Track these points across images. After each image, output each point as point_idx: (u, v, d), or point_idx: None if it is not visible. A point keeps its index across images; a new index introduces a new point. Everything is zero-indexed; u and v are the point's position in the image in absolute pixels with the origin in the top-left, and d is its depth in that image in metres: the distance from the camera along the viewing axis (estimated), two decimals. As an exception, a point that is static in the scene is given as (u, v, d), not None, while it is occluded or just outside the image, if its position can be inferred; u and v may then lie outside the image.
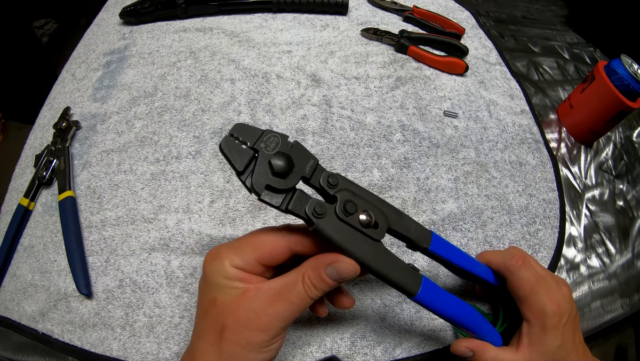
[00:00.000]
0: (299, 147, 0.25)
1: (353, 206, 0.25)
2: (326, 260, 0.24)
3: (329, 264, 0.24)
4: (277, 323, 0.24)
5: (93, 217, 0.41)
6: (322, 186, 0.25)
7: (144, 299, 0.36)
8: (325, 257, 0.24)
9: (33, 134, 0.48)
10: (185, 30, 0.57)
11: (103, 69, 0.53)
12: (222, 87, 0.50)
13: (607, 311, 0.41)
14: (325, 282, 0.24)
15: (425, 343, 0.35)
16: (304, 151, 0.25)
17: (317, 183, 0.25)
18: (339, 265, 0.24)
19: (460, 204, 0.43)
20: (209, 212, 0.41)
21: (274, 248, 0.25)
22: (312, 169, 0.25)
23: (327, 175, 0.25)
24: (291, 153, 0.24)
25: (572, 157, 0.51)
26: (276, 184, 0.23)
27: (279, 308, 0.24)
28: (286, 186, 0.23)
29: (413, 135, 0.47)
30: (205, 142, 0.45)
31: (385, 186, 0.43)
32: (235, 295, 0.24)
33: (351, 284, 0.37)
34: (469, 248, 0.40)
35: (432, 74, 0.53)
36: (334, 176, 0.25)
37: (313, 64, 0.53)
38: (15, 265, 0.39)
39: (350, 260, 0.24)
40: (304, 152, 0.25)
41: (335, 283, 0.24)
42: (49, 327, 0.35)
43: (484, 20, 0.67)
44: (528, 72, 0.60)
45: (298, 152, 0.25)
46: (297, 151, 0.25)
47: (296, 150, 0.25)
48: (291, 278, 0.24)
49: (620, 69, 0.45)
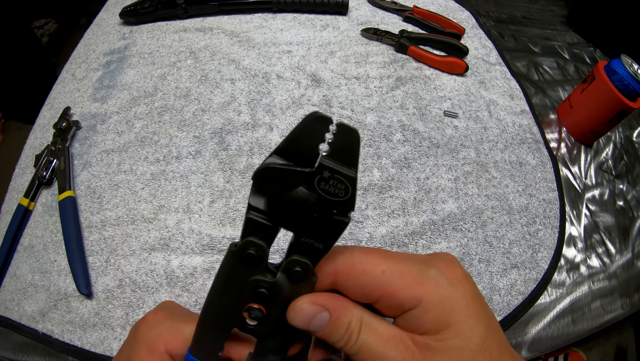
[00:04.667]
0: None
1: (266, 299, 0.21)
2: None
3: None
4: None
5: (93, 217, 0.41)
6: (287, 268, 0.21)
7: (144, 299, 0.36)
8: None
9: (33, 134, 0.48)
10: (185, 30, 0.57)
11: (103, 69, 0.53)
12: (222, 87, 0.50)
13: (607, 311, 0.41)
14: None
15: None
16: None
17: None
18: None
19: (461, 204, 0.43)
20: (209, 212, 0.41)
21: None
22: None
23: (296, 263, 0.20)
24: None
25: (572, 157, 0.51)
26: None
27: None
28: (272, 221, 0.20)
29: (413, 135, 0.47)
30: (205, 142, 0.45)
31: (385, 186, 0.43)
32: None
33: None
34: (469, 248, 0.40)
35: (432, 74, 0.53)
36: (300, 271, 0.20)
37: (313, 64, 0.53)
38: (15, 265, 0.39)
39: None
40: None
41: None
42: (49, 327, 0.35)
43: (484, 20, 0.67)
44: (528, 72, 0.60)
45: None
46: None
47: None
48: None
49: (620, 69, 0.45)
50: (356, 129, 0.19)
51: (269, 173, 0.19)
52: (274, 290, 0.21)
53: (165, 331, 0.24)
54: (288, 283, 0.21)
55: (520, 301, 0.38)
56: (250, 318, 0.21)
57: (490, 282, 0.39)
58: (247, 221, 0.20)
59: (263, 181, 0.19)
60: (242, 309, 0.21)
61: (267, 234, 0.20)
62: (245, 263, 0.20)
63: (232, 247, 0.20)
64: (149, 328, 0.24)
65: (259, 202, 0.19)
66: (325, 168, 0.18)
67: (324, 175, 0.18)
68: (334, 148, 0.18)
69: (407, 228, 0.41)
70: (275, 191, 0.19)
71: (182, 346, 0.23)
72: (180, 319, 0.24)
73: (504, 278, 0.39)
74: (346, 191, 0.19)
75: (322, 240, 0.20)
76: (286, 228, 0.20)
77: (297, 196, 0.19)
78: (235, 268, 0.21)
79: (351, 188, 0.19)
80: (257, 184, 0.19)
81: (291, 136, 0.19)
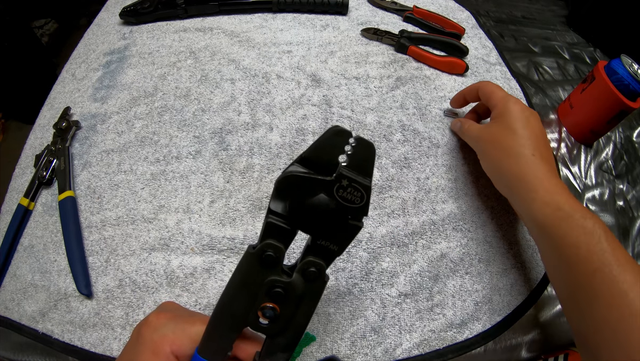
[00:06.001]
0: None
1: (281, 298, 0.22)
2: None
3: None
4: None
5: (93, 217, 0.41)
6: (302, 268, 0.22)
7: (144, 299, 0.36)
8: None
9: (33, 134, 0.48)
10: (185, 30, 0.57)
11: (103, 69, 0.53)
12: (222, 87, 0.50)
13: (607, 311, 0.41)
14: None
15: (425, 344, 0.35)
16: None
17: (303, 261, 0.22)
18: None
19: (461, 204, 0.43)
20: (209, 212, 0.41)
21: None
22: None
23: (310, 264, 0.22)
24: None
25: (572, 157, 0.51)
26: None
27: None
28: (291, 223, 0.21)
29: (413, 135, 0.47)
30: (205, 142, 0.45)
31: (385, 186, 0.43)
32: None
33: (351, 283, 0.37)
34: (469, 248, 0.40)
35: (432, 74, 0.53)
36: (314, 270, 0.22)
37: (313, 64, 0.53)
38: (15, 265, 0.39)
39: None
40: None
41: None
42: (49, 327, 0.35)
43: (484, 20, 0.67)
44: (528, 72, 0.60)
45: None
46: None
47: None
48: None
49: (620, 69, 0.45)
50: (372, 143, 0.21)
51: (291, 180, 0.20)
52: (289, 290, 0.22)
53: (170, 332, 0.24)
54: (302, 283, 0.22)
55: (520, 301, 0.38)
56: (264, 316, 0.22)
57: (490, 282, 0.39)
58: (267, 224, 0.21)
59: (285, 187, 0.21)
60: (257, 308, 0.22)
61: (285, 237, 0.21)
62: (264, 264, 0.21)
63: (251, 249, 0.22)
64: (152, 330, 0.24)
65: (278, 206, 0.21)
66: (344, 177, 0.20)
67: (343, 184, 0.20)
68: (352, 159, 0.20)
69: (407, 228, 0.41)
70: (296, 197, 0.21)
71: (188, 346, 0.23)
72: (184, 320, 0.24)
73: (504, 278, 0.39)
74: (361, 198, 0.21)
75: (337, 243, 0.22)
76: (305, 231, 0.21)
77: (317, 202, 0.20)
78: (254, 268, 0.22)
79: (366, 195, 0.21)
80: (279, 190, 0.21)
81: (313, 146, 0.20)
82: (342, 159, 0.20)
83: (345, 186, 0.20)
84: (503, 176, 0.36)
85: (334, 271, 0.38)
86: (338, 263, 0.38)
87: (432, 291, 0.38)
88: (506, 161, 0.35)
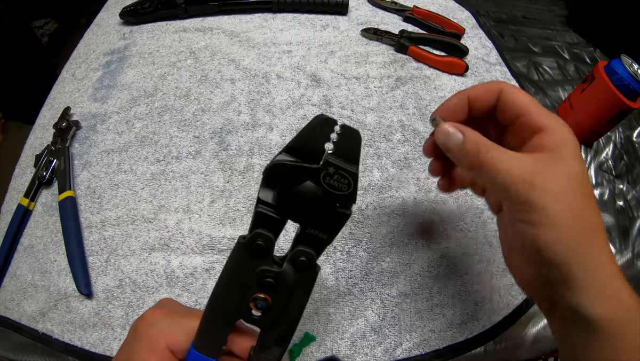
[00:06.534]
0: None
1: (272, 288, 0.22)
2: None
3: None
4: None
5: (93, 217, 0.41)
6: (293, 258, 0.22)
7: (144, 299, 0.36)
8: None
9: (33, 134, 0.48)
10: (185, 30, 0.57)
11: (103, 69, 0.53)
12: (222, 87, 0.50)
13: (607, 311, 0.41)
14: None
15: (425, 344, 0.35)
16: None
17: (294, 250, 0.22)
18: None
19: (461, 204, 0.43)
20: (209, 212, 0.41)
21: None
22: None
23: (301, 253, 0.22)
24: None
25: (572, 157, 0.51)
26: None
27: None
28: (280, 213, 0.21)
29: (413, 135, 0.47)
30: (205, 142, 0.45)
31: (385, 186, 0.43)
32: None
33: (351, 283, 0.37)
34: (469, 248, 0.40)
35: (432, 74, 0.53)
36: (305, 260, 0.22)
37: (313, 64, 0.53)
38: (15, 265, 0.39)
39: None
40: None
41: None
42: (49, 327, 0.35)
43: (484, 20, 0.67)
44: (528, 72, 0.60)
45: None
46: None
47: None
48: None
49: (620, 69, 0.45)
50: (358, 130, 0.21)
51: (279, 169, 0.21)
52: (280, 280, 0.22)
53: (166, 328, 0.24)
54: (293, 273, 0.22)
55: (520, 301, 0.38)
56: (257, 308, 0.22)
57: (490, 282, 0.39)
58: (256, 214, 0.21)
59: (273, 176, 0.21)
60: (249, 299, 0.22)
61: (275, 227, 0.21)
62: (254, 254, 0.22)
63: (241, 239, 0.22)
64: (148, 326, 0.24)
65: (267, 196, 0.21)
66: (330, 165, 0.20)
67: (329, 171, 0.21)
68: (338, 147, 0.21)
69: (407, 228, 0.41)
70: (284, 185, 0.21)
71: (184, 341, 0.23)
72: (180, 315, 0.24)
73: (504, 278, 0.39)
74: (349, 186, 0.21)
75: (326, 231, 0.22)
76: (293, 219, 0.22)
77: (304, 189, 0.21)
78: (244, 258, 0.22)
79: (353, 182, 0.21)
80: (267, 179, 0.21)
81: (299, 135, 0.21)
82: (329, 147, 0.21)
83: (331, 173, 0.20)
84: (556, 254, 0.22)
85: (334, 271, 0.38)
86: (338, 263, 0.38)
87: (432, 291, 0.38)
88: (582, 236, 0.22)
